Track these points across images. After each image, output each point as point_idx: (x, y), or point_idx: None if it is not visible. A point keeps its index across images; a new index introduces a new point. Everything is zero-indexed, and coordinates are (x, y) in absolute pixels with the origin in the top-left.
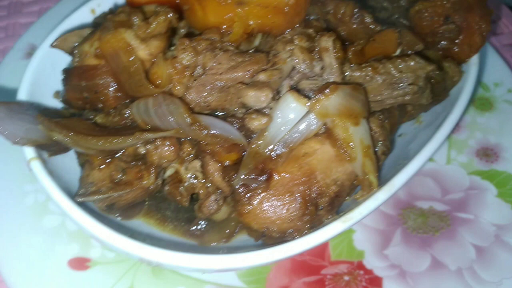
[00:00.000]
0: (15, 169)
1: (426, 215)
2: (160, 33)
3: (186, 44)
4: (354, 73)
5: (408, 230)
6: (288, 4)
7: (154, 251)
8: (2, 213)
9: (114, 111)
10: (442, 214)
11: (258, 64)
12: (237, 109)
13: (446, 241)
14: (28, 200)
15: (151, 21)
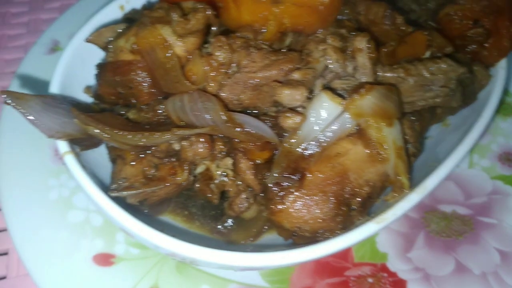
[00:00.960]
0: (39, 163)
1: (449, 219)
2: (198, 29)
3: (222, 42)
4: (386, 74)
5: (431, 233)
6: (323, 3)
7: (184, 246)
8: (27, 208)
9: (146, 107)
10: (465, 218)
11: (292, 62)
12: (269, 107)
13: (469, 245)
14: (53, 195)
15: (190, 18)
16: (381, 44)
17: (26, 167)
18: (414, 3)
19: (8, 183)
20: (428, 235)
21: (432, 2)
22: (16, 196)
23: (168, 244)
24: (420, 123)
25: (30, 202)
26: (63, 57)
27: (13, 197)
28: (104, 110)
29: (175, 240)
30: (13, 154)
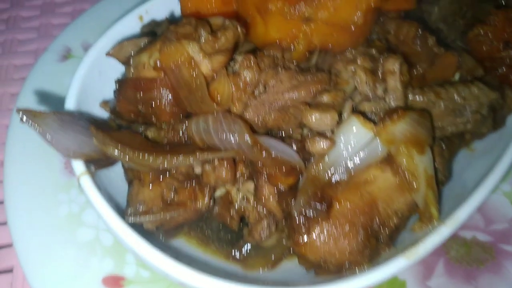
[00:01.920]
0: (48, 176)
1: (469, 245)
2: (227, 48)
3: (251, 61)
4: (417, 98)
5: (451, 261)
6: (356, 24)
7: (198, 277)
8: (35, 224)
9: (167, 126)
10: (486, 245)
11: (321, 84)
12: (294, 129)
13: (491, 275)
14: (62, 211)
15: (220, 36)
16: (410, 65)
17: (34, 180)
18: (441, 21)
19: (15, 197)
20: (448, 262)
21: (461, 21)
22: (23, 210)
23: (182, 276)
24: (449, 149)
25: (37, 218)
26: (79, 70)
27: (19, 211)
28: (121, 127)
29: (189, 269)
30: (21, 166)
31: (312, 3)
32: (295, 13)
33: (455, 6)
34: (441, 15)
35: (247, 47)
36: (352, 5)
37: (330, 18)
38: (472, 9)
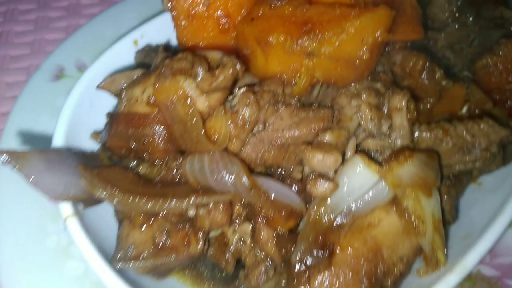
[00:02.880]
0: (35, 203)
1: (473, 280)
2: (225, 86)
3: (251, 99)
4: (423, 135)
5: None
6: (362, 59)
7: None
8: (22, 255)
9: (160, 163)
10: (492, 281)
11: (323, 121)
12: (295, 167)
13: None
14: (50, 242)
15: (218, 74)
16: (417, 98)
17: (21, 208)
18: (448, 49)
19: (0, 227)
20: None
21: (468, 49)
22: (9, 242)
23: None
24: (456, 188)
25: (25, 250)
26: (68, 102)
27: (5, 243)
28: (112, 160)
29: None
30: (7, 194)
31: (316, 38)
32: (297, 48)
33: (462, 32)
34: (448, 42)
35: (248, 80)
36: (358, 40)
37: (334, 53)
38: (480, 36)
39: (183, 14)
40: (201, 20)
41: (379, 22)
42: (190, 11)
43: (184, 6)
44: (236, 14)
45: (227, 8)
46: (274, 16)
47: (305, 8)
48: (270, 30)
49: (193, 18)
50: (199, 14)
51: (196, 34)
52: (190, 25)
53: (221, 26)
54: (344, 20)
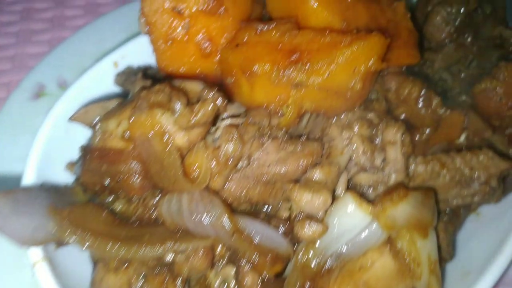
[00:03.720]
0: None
1: None
2: (206, 122)
3: (234, 135)
4: (419, 168)
5: None
6: (353, 89)
7: None
8: None
9: (137, 199)
10: None
11: (312, 156)
12: (282, 203)
13: None
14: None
15: (197, 110)
16: (412, 127)
17: None
18: (446, 71)
19: None
20: None
21: (467, 71)
22: None
23: None
24: (454, 223)
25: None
26: (41, 133)
27: None
28: (87, 193)
29: None
30: None
31: (303, 68)
32: (284, 79)
33: (460, 53)
34: (445, 63)
35: (234, 108)
36: (349, 70)
37: (324, 84)
38: (479, 57)
39: (161, 38)
40: (181, 44)
41: (371, 51)
42: (168, 35)
43: (161, 30)
44: (219, 37)
45: (209, 31)
46: (260, 42)
47: (293, 35)
48: (255, 59)
49: (172, 42)
50: (178, 38)
51: (176, 58)
52: (170, 49)
53: (202, 51)
54: (334, 49)
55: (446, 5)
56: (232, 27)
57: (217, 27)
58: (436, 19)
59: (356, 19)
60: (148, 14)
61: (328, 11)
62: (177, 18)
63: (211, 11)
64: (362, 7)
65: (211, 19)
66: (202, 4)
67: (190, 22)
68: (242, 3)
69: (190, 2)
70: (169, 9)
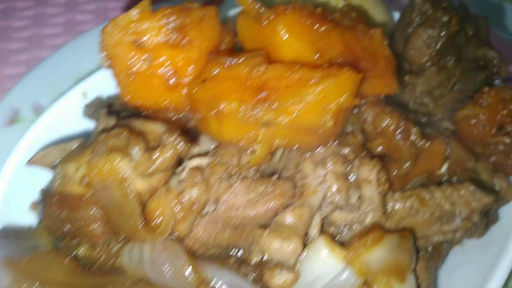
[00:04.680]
0: None
1: None
2: (166, 168)
3: (198, 179)
4: (397, 206)
5: None
6: (324, 127)
7: None
8: None
9: (101, 244)
10: None
11: (283, 197)
12: (254, 247)
13: None
14: None
15: (157, 155)
16: (390, 159)
17: None
18: (427, 96)
19: None
20: None
21: (449, 95)
22: None
23: None
24: (435, 259)
25: None
26: (4, 170)
27: None
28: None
29: None
30: None
31: (271, 108)
32: (251, 118)
33: (443, 76)
34: (427, 87)
35: (203, 144)
36: (319, 108)
37: (293, 122)
38: (462, 80)
39: (123, 72)
40: (144, 77)
41: (343, 88)
42: (130, 68)
43: (123, 64)
44: (184, 69)
45: (173, 63)
46: (228, 78)
47: (262, 70)
48: (222, 96)
49: (135, 75)
50: (141, 72)
51: (140, 92)
52: (133, 83)
53: (168, 83)
54: (303, 87)
55: (427, 27)
56: (199, 58)
57: (182, 59)
58: (416, 41)
59: (330, 49)
60: (108, 48)
61: (299, 43)
62: (138, 51)
63: (174, 43)
64: (336, 36)
65: (175, 51)
66: (164, 36)
67: (152, 55)
68: (208, 33)
69: (151, 34)
70: (129, 42)
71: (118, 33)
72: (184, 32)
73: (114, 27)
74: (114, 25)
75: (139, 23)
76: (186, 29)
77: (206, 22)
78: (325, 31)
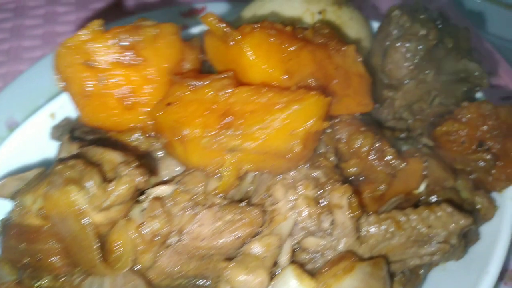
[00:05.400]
0: None
1: None
2: (123, 201)
3: (157, 212)
4: (372, 229)
5: None
6: (293, 152)
7: None
8: None
9: (63, 277)
10: None
11: (251, 226)
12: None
13: None
14: None
15: (111, 191)
16: (365, 180)
17: None
18: (407, 110)
19: None
20: None
21: (429, 110)
22: None
23: None
24: (413, 283)
25: None
26: None
27: None
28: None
29: None
30: None
31: (236, 134)
32: (215, 145)
33: (422, 90)
34: (406, 101)
35: (170, 168)
36: (286, 133)
37: (260, 148)
38: (442, 93)
39: (79, 94)
40: (100, 98)
41: (310, 112)
42: (85, 90)
43: (78, 86)
44: (140, 89)
45: (129, 83)
46: (194, 101)
47: (228, 93)
48: (185, 122)
49: (91, 97)
50: (96, 93)
51: (98, 113)
52: (89, 104)
53: (125, 103)
54: (268, 113)
55: (404, 41)
56: (157, 77)
57: (138, 79)
58: (394, 56)
59: (301, 69)
60: (61, 70)
61: (267, 64)
62: (91, 72)
63: (128, 62)
64: (306, 55)
65: (129, 70)
66: (117, 55)
67: (106, 75)
68: (165, 51)
69: (103, 54)
70: (82, 63)
71: (70, 54)
72: (137, 51)
73: (66, 48)
74: (66, 47)
75: (90, 44)
76: (138, 47)
77: (161, 40)
78: (295, 50)
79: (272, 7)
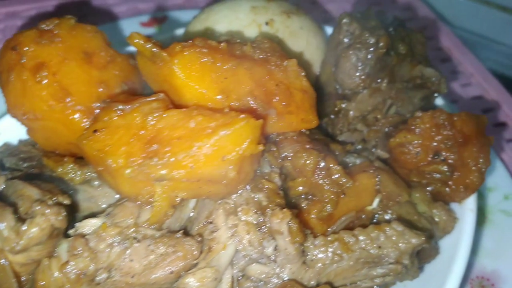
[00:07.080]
0: None
1: None
2: (39, 242)
3: (79, 250)
4: (318, 253)
5: None
6: (227, 177)
7: None
8: None
9: None
10: None
11: (185, 259)
12: None
13: None
14: None
15: (24, 232)
16: (314, 197)
17: None
18: (361, 122)
19: None
20: None
21: (385, 119)
22: None
23: None
24: None
25: None
26: None
27: None
28: None
29: None
30: None
31: (161, 163)
32: (140, 176)
33: (377, 99)
34: (360, 112)
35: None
36: (217, 159)
37: (191, 176)
38: (398, 101)
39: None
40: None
41: (240, 137)
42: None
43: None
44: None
45: None
46: (120, 127)
47: (157, 117)
48: (109, 151)
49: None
50: None
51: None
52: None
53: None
54: (195, 139)
55: (354, 49)
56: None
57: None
58: (345, 65)
59: (237, 88)
60: None
61: (199, 84)
62: None
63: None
64: (243, 73)
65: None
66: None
67: None
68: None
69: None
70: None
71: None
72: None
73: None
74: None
75: None
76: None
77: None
78: (230, 68)
79: (217, 20)
